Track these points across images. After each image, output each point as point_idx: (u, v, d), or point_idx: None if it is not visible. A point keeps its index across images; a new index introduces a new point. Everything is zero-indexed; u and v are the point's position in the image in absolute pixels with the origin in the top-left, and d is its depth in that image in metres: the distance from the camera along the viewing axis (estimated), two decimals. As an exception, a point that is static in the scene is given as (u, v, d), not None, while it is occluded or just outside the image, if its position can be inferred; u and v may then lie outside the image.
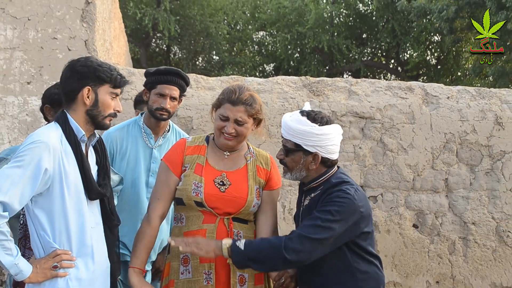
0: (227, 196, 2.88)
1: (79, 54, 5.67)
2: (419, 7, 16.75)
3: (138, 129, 3.64)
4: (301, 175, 2.89)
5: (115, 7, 8.34)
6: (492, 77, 16.53)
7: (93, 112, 2.64)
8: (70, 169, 2.56)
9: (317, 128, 2.81)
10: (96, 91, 2.62)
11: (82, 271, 2.60)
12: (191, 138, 3.09)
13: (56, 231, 2.54)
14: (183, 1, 19.31)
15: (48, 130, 2.58)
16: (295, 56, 20.75)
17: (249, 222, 2.98)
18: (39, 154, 2.44)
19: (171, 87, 3.58)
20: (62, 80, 2.67)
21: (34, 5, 5.82)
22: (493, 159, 6.04)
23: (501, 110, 6.09)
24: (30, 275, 2.46)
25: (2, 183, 2.36)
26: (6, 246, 2.39)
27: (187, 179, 2.90)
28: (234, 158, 3.01)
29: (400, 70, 21.02)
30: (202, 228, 2.86)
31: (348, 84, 6.11)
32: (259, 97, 3.03)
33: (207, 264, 2.84)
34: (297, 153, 2.84)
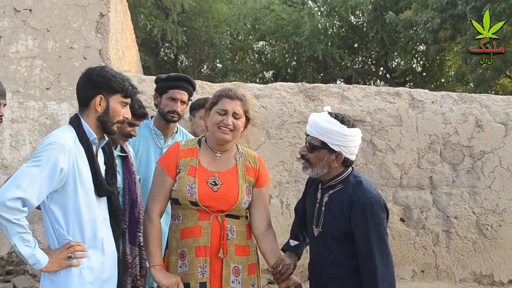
0: (219, 195, 2.86)
1: (94, 63, 5.70)
2: (406, 19, 16.75)
3: (148, 131, 3.64)
4: (322, 171, 2.86)
5: (127, 19, 8.34)
6: (473, 84, 16.53)
7: (103, 119, 2.65)
8: (82, 168, 2.57)
9: (345, 129, 2.83)
10: (108, 99, 2.63)
11: (93, 261, 2.62)
12: (184, 142, 3.06)
13: (69, 224, 2.55)
14: (189, 14, 19.27)
15: (63, 132, 2.59)
16: (292, 64, 20.71)
17: (241, 217, 2.97)
18: (56, 154, 2.45)
19: (181, 92, 3.61)
20: (78, 86, 2.68)
21: (52, 17, 5.82)
22: (474, 158, 6.04)
23: (481, 114, 6.10)
24: (47, 265, 2.47)
25: (22, 181, 2.37)
26: (25, 238, 2.41)
27: (182, 181, 2.87)
28: (225, 159, 2.99)
29: (389, 77, 21.00)
30: (198, 225, 2.84)
31: (341, 90, 6.11)
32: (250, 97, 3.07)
33: (202, 258, 2.81)
34: (322, 151, 2.83)
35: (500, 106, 6.22)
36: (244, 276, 2.90)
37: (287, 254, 3.03)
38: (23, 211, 2.38)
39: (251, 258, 2.97)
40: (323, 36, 18.95)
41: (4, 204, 2.32)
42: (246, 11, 20.42)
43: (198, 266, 2.82)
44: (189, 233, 2.85)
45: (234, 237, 2.89)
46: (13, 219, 2.35)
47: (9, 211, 2.33)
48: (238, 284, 2.88)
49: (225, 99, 2.91)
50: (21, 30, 5.78)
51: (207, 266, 2.82)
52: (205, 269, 2.81)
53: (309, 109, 5.85)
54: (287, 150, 5.83)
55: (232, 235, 2.88)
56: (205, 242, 2.82)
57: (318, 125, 2.84)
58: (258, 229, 3.01)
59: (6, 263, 5.68)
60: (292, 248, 3.07)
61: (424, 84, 19.93)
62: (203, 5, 19.29)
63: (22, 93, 5.72)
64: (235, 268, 2.88)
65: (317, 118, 2.89)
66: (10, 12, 5.77)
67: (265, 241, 3.00)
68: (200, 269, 2.82)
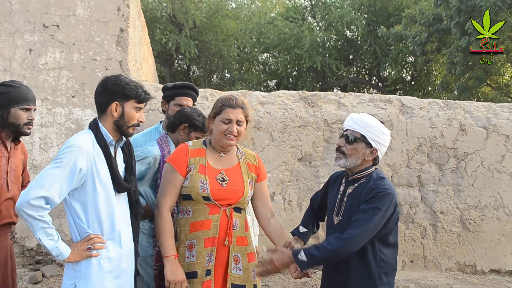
0: (228, 189, 2.89)
1: (115, 73, 5.69)
2: (396, 33, 16.74)
3: (158, 135, 3.61)
4: (355, 163, 2.84)
5: (144, 33, 8.36)
6: (457, 91, 16.50)
7: (119, 123, 2.65)
8: (101, 167, 2.57)
9: (384, 127, 2.86)
10: (123, 105, 2.63)
11: (111, 252, 2.61)
12: (191, 143, 3.06)
13: (89, 219, 2.55)
14: (200, 29, 19.30)
15: (82, 136, 2.59)
16: (293, 73, 20.72)
17: (242, 210, 2.98)
18: (75, 156, 2.45)
19: (187, 99, 3.60)
20: (96, 94, 2.69)
21: (77, 32, 5.84)
22: (458, 159, 6.03)
23: (465, 119, 6.08)
24: (69, 256, 2.48)
25: (45, 181, 2.38)
26: (49, 233, 2.42)
27: (194, 178, 2.87)
28: (228, 158, 3.01)
29: (381, 86, 20.97)
30: (208, 219, 2.85)
31: (338, 97, 6.11)
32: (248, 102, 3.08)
33: (210, 248, 2.83)
34: (361, 144, 2.81)
35: (482, 112, 6.21)
36: (244, 263, 2.91)
37: (294, 238, 3.03)
38: (46, 208, 2.38)
39: (249, 247, 2.97)
40: (322, 49, 18.96)
41: (29, 203, 2.33)
42: (251, 26, 20.44)
43: (205, 256, 2.83)
44: (199, 226, 2.86)
45: (237, 229, 2.90)
46: (37, 215, 2.36)
47: (33, 208, 2.34)
48: (239, 271, 2.89)
49: (228, 108, 2.91)
50: (49, 43, 5.80)
51: (213, 255, 2.83)
52: (211, 257, 2.83)
53: (309, 114, 5.85)
54: (289, 151, 5.82)
55: (236, 227, 2.90)
56: (214, 234, 2.83)
57: (362, 121, 2.84)
58: (264, 218, 3.03)
59: (35, 253, 5.69)
60: (301, 234, 3.07)
61: (412, 92, 19.91)
62: (213, 21, 19.34)
63: (50, 100, 5.74)
64: (235, 256, 2.89)
65: (360, 115, 2.90)
66: (39, 28, 5.79)
67: (271, 227, 3.03)
68: (207, 258, 2.84)
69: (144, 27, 8.31)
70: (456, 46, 15.36)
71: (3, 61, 5.73)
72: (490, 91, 17.95)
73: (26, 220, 2.36)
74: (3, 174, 3.05)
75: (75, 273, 2.55)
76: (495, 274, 6.07)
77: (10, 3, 5.76)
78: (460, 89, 16.15)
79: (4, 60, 5.73)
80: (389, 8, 18.79)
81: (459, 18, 14.85)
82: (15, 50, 5.75)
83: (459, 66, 15.72)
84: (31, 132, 3.18)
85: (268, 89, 22.02)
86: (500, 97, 16.64)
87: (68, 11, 5.85)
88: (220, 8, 19.63)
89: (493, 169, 6.07)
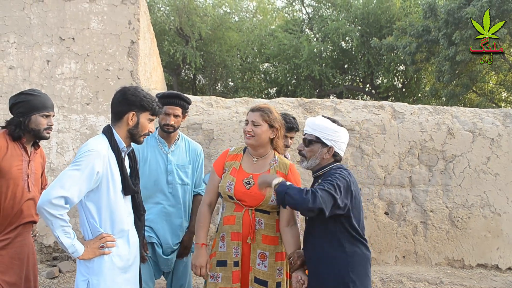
0: (250, 192, 2.93)
1: (126, 82, 5.73)
2: (388, 44, 16.75)
3: (154, 140, 3.61)
4: (315, 162, 2.89)
5: (153, 45, 8.37)
6: (445, 98, 16.50)
7: (133, 131, 2.68)
8: (114, 171, 2.58)
9: (336, 126, 2.91)
10: (138, 116, 2.66)
11: (121, 249, 2.63)
12: (233, 149, 3.19)
13: (102, 219, 2.56)
14: (206, 40, 19.32)
15: (98, 141, 2.59)
16: (292, 82, 20.71)
17: (271, 213, 2.97)
18: (93, 160, 2.46)
19: (173, 107, 3.53)
20: (114, 102, 2.69)
21: (91, 44, 5.85)
22: (446, 161, 6.02)
23: (452, 123, 6.08)
24: (83, 253, 2.48)
25: (65, 182, 2.38)
26: (67, 231, 2.42)
27: (224, 179, 3.00)
28: (261, 164, 3.05)
29: (374, 93, 20.96)
30: (233, 215, 2.97)
31: (334, 104, 6.11)
32: (276, 111, 3.08)
33: (236, 242, 2.93)
34: (316, 145, 2.88)
35: (468, 117, 6.20)
36: (271, 261, 2.94)
37: (301, 251, 2.97)
38: (66, 208, 2.38)
39: (279, 247, 2.98)
40: (319, 58, 18.97)
41: (50, 202, 2.33)
42: (253, 38, 20.47)
43: (232, 248, 2.94)
44: (227, 220, 2.99)
45: (261, 228, 2.93)
46: (57, 214, 2.36)
47: (54, 207, 2.34)
48: (264, 268, 2.93)
49: (249, 112, 3.04)
50: (65, 55, 5.81)
51: (240, 248, 2.93)
52: (238, 250, 2.93)
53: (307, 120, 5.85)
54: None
55: (260, 226, 2.94)
56: (238, 229, 2.93)
57: (314, 123, 2.92)
58: (281, 225, 2.99)
59: (52, 250, 5.69)
60: None
61: (404, 99, 19.90)
62: (218, 33, 19.37)
63: (66, 107, 5.75)
64: (261, 254, 2.94)
65: (314, 119, 2.97)
66: (56, 40, 5.80)
67: (284, 235, 2.97)
68: (234, 250, 2.93)
69: (153, 39, 8.32)
70: (444, 55, 15.36)
71: (23, 71, 5.74)
72: (476, 98, 17.93)
73: (47, 218, 2.36)
74: (24, 177, 3.06)
75: (88, 270, 2.55)
76: (482, 269, 6.05)
77: (29, 18, 5.78)
78: (448, 95, 16.16)
79: (23, 71, 5.74)
80: (381, 21, 18.80)
81: (446, 29, 14.86)
82: (34, 61, 5.77)
83: (446, 74, 15.73)
84: (50, 137, 3.20)
85: (269, 96, 22.02)
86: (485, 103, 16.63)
87: (82, 25, 5.86)
88: (224, 21, 19.67)
89: (479, 170, 6.06)
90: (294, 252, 2.92)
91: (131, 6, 5.95)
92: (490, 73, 17.66)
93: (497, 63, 16.30)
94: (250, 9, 22.49)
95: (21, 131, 3.00)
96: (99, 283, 2.53)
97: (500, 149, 6.09)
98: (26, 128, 3.00)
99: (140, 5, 6.06)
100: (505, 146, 6.10)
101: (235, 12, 21.10)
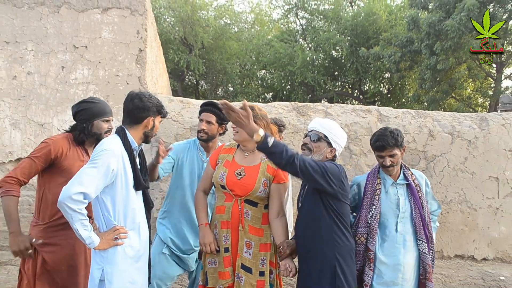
0: (241, 182, 2.94)
1: (135, 87, 5.73)
2: (375, 53, 16.80)
3: (196, 148, 3.60)
4: (319, 158, 2.89)
5: (159, 53, 8.37)
6: (426, 103, 16.57)
7: (148, 133, 2.78)
8: (127, 168, 2.60)
9: (343, 132, 3.00)
10: (154, 119, 2.76)
11: (133, 241, 2.65)
12: (228, 143, 3.26)
13: (116, 212, 2.58)
14: (208, 49, 19.33)
15: (113, 140, 2.61)
16: (287, 87, 20.75)
17: (259, 205, 2.97)
18: (109, 158, 2.48)
19: (207, 114, 3.51)
20: (133, 108, 2.71)
21: (103, 52, 5.85)
22: (427, 160, 6.03)
23: (433, 126, 6.09)
24: (99, 244, 2.50)
25: (83, 179, 2.39)
26: (84, 224, 2.43)
27: (218, 169, 3.04)
28: (252, 158, 3.06)
29: (362, 98, 21.00)
30: (223, 205, 2.98)
31: (325, 108, 6.12)
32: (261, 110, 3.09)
33: (225, 230, 2.94)
34: (323, 142, 2.91)
35: (447, 120, 6.22)
36: (255, 251, 2.93)
37: (291, 240, 2.98)
38: (84, 203, 2.40)
39: (264, 239, 2.96)
40: (311, 66, 19.00)
41: (70, 197, 2.35)
42: (251, 47, 20.48)
43: (222, 235, 2.96)
44: (218, 210, 3.01)
45: (248, 219, 2.94)
46: (76, 208, 2.37)
47: (74, 202, 2.36)
48: (249, 256, 2.93)
49: None
50: (79, 62, 5.81)
51: (229, 236, 2.94)
52: (227, 238, 2.95)
53: (300, 122, 5.85)
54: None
55: (247, 216, 2.94)
56: (227, 218, 2.95)
57: (327, 124, 2.96)
58: (270, 216, 2.99)
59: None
60: None
61: (389, 103, 19.97)
62: (219, 42, 19.39)
63: (79, 110, 5.74)
64: (248, 242, 2.93)
65: (326, 119, 3.01)
66: (70, 48, 5.80)
67: (273, 225, 2.97)
68: (224, 237, 2.95)
69: (159, 47, 8.32)
70: (425, 64, 15.42)
71: (40, 76, 5.74)
72: (455, 103, 17.99)
73: (67, 212, 2.38)
74: None
75: (102, 259, 2.56)
76: (459, 259, 6.07)
77: (45, 28, 5.77)
78: (429, 101, 16.23)
79: (40, 76, 5.74)
80: (369, 32, 18.85)
81: (428, 40, 14.92)
82: (50, 67, 5.76)
83: (428, 82, 15.79)
84: None
85: (265, 101, 22.01)
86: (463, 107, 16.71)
87: (94, 34, 5.86)
88: (224, 31, 19.69)
89: (458, 169, 6.07)
90: (283, 241, 2.92)
91: (139, 17, 5.95)
92: (468, 80, 17.72)
93: (474, 71, 16.37)
94: (248, 20, 22.54)
95: (84, 136, 3.06)
96: (112, 271, 2.55)
97: (477, 150, 6.11)
98: (89, 133, 3.06)
99: (148, 16, 6.06)
100: (481, 147, 6.12)
101: (235, 23, 21.11)
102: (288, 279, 5.04)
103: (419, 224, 3.13)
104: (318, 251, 2.78)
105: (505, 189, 6.14)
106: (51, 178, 2.94)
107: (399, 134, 3.16)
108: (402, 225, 3.12)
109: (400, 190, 3.19)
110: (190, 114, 5.70)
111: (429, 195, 3.36)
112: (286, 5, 21.58)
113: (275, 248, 3.00)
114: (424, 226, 3.13)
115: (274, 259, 3.01)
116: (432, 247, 3.15)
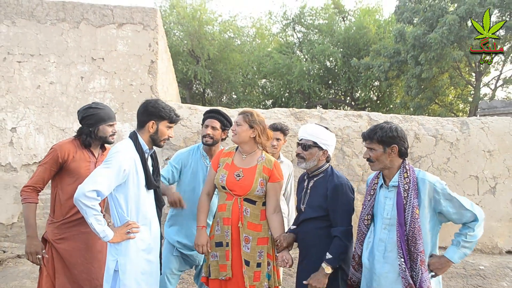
0: (239, 183, 2.93)
1: (147, 95, 5.73)
2: (365, 63, 16.79)
3: (199, 153, 3.54)
4: (313, 164, 2.87)
5: (169, 64, 8.39)
6: (412, 109, 16.56)
7: (154, 137, 2.70)
8: (139, 169, 2.59)
9: (328, 132, 2.95)
10: (157, 124, 2.67)
11: (144, 235, 2.63)
12: (227, 148, 3.19)
13: (128, 208, 2.57)
14: (213, 60, 19.35)
15: (125, 144, 2.61)
16: (285, 95, 20.74)
17: (257, 203, 2.96)
18: (120, 159, 2.47)
19: (211, 120, 3.46)
20: (138, 113, 2.71)
21: (118, 63, 5.86)
22: (414, 161, 6.03)
23: (418, 130, 6.09)
24: (113, 238, 2.49)
25: (97, 178, 2.39)
26: (98, 219, 2.42)
27: (219, 172, 3.01)
28: (249, 160, 3.03)
29: (353, 104, 20.98)
30: (225, 203, 2.96)
31: (320, 113, 6.12)
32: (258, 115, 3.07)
33: (226, 226, 2.93)
34: (314, 148, 2.87)
35: (432, 124, 6.21)
36: (253, 244, 2.92)
37: (287, 234, 2.97)
38: (97, 199, 2.39)
39: (262, 233, 2.95)
40: (307, 75, 19.00)
41: (85, 194, 2.34)
42: (253, 58, 20.49)
43: (224, 232, 2.94)
44: (220, 208, 2.99)
45: (247, 216, 2.92)
46: (90, 205, 2.37)
47: (88, 199, 2.35)
48: (248, 250, 2.91)
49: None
50: (96, 72, 5.82)
51: (229, 232, 2.93)
52: (228, 233, 2.93)
53: (298, 126, 5.85)
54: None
55: (246, 214, 2.93)
56: (228, 215, 2.93)
57: (312, 130, 2.92)
58: (267, 212, 2.98)
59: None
60: (291, 230, 3.03)
61: (378, 109, 19.95)
62: (223, 54, 19.43)
63: (97, 116, 5.75)
64: (246, 237, 2.92)
65: (310, 126, 2.97)
66: (89, 60, 5.81)
67: (271, 221, 2.96)
68: (225, 233, 2.94)
69: (169, 59, 8.34)
70: (411, 73, 15.43)
71: (61, 86, 5.75)
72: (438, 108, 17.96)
73: (82, 208, 2.38)
74: None
75: (116, 251, 2.56)
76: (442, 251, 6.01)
77: (66, 42, 5.79)
78: (415, 107, 16.22)
79: (61, 86, 5.75)
80: (360, 44, 18.86)
81: (413, 52, 14.94)
82: (70, 77, 5.78)
83: (414, 89, 15.80)
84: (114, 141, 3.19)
85: (266, 107, 22.01)
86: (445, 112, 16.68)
87: (110, 47, 5.88)
88: (228, 44, 19.73)
89: (441, 168, 6.06)
90: (280, 235, 2.92)
91: (151, 31, 5.97)
92: (450, 88, 17.70)
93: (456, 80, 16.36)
94: (250, 34, 22.55)
95: (91, 139, 3.02)
96: (125, 262, 2.54)
97: (458, 151, 6.10)
98: (95, 137, 3.03)
99: (159, 31, 6.07)
100: (462, 148, 6.11)
101: (238, 36, 21.13)
102: (287, 270, 5.04)
103: (398, 234, 2.48)
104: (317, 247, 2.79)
105: (484, 187, 6.13)
106: (62, 180, 2.94)
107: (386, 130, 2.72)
108: (386, 232, 2.57)
109: (390, 193, 2.60)
110: (197, 120, 5.71)
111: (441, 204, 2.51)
112: (284, 20, 21.61)
113: (272, 242, 2.99)
114: (401, 238, 2.46)
115: (271, 252, 3.00)
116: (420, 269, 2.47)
